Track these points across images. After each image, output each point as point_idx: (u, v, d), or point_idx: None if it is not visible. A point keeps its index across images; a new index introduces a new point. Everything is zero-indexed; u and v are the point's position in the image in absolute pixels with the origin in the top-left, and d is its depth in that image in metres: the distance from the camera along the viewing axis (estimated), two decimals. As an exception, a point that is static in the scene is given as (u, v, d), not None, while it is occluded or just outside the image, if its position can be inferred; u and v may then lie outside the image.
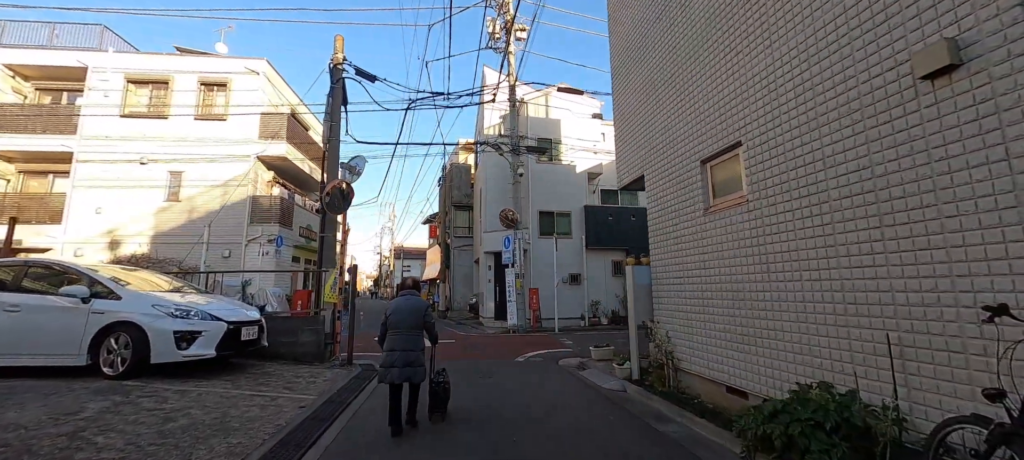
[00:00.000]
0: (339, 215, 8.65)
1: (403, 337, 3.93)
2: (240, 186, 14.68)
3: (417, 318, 4.02)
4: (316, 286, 8.45)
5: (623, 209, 16.69)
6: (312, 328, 7.77)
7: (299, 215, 16.49)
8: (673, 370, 5.62)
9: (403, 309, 4.02)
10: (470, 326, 15.54)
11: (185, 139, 14.60)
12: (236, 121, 14.78)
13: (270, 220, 14.57)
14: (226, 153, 14.52)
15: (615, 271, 16.02)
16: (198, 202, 14.53)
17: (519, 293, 13.64)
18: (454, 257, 21.84)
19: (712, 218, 5.05)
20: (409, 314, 4.00)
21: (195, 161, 14.51)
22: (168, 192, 14.52)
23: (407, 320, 3.98)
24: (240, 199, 14.59)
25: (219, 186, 14.64)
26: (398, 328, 3.94)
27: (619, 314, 15.48)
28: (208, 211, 14.50)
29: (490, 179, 16.17)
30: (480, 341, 11.51)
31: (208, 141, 14.56)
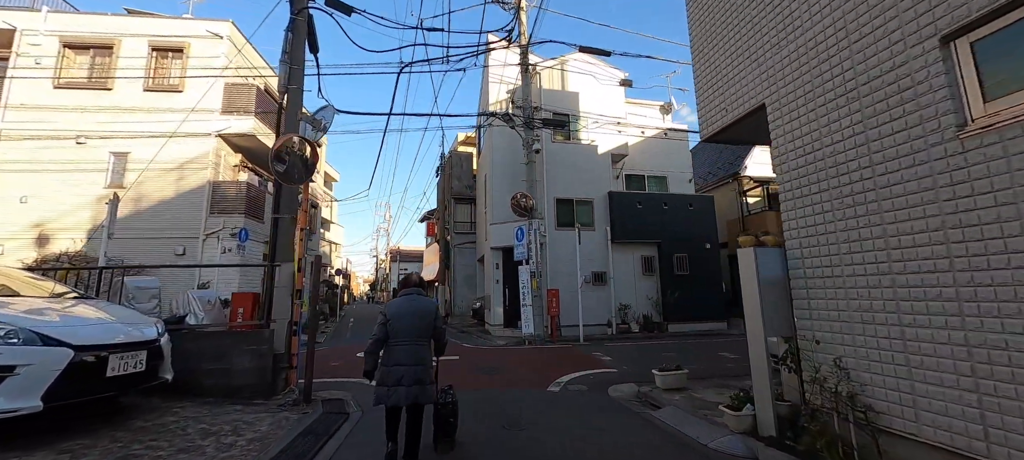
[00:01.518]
0: (299, 186, 6.24)
1: (410, 349, 3.11)
2: (200, 170, 12.24)
3: (426, 324, 3.23)
4: (267, 288, 6.01)
5: (653, 196, 14.29)
6: (253, 349, 5.34)
7: (269, 204, 14.02)
8: (858, 427, 3.19)
9: (407, 313, 3.20)
10: (475, 335, 13.10)
11: (133, 113, 12.16)
12: (195, 92, 12.32)
13: (235, 211, 12.11)
14: (183, 130, 12.07)
15: (645, 269, 13.61)
16: (147, 189, 12.06)
17: (535, 295, 11.21)
18: (455, 256, 19.41)
19: (983, 142, 2.64)
20: (416, 319, 3.19)
21: (144, 140, 12.06)
22: (110, 177, 12.06)
23: (414, 326, 3.17)
24: (198, 185, 12.15)
25: (173, 170, 12.19)
26: (402, 337, 3.12)
27: (652, 319, 13.08)
28: (159, 200, 12.05)
29: (497, 162, 13.77)
30: (492, 357, 9.06)
31: (161, 116, 12.11)
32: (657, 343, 10.94)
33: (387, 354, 3.11)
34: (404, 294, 3.35)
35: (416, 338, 3.14)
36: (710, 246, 13.99)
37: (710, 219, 14.23)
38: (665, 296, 13.23)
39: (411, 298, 3.29)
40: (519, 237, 11.85)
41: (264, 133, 13.43)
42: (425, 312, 3.23)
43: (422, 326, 3.18)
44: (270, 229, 6.27)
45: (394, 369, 3.04)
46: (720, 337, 12.06)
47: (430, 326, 3.23)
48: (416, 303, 3.25)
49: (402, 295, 3.35)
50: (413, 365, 3.04)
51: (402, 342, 3.10)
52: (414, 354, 3.08)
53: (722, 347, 9.97)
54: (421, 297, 3.35)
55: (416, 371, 3.04)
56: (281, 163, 5.91)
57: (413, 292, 3.35)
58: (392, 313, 3.17)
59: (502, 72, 13.77)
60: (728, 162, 17.57)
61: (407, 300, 3.27)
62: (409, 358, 3.06)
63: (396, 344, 3.10)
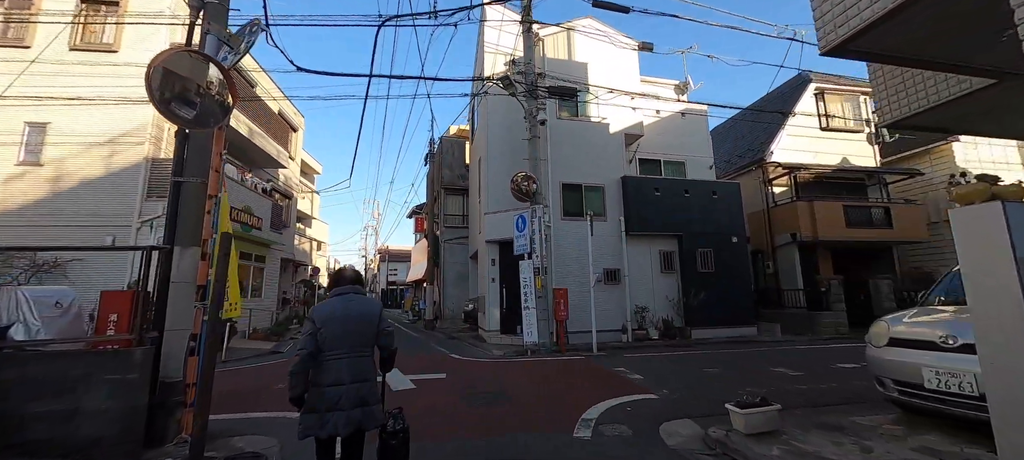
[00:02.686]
0: (212, 130, 4.30)
1: (349, 362, 2.41)
2: (135, 145, 10.18)
3: (368, 330, 2.51)
4: (159, 284, 4.05)
5: (673, 182, 12.50)
6: (118, 379, 3.39)
7: (232, 192, 11.97)
8: None
9: (343, 317, 2.45)
10: (468, 343, 11.19)
11: (55, 76, 10.06)
12: (132, 52, 10.28)
13: (177, 193, 10.05)
14: (116, 95, 10.00)
15: (665, 265, 11.81)
16: (71, 166, 9.99)
17: (539, 296, 9.34)
18: (445, 252, 17.47)
19: None
20: (354, 324, 2.47)
21: (68, 107, 9.97)
22: (25, 151, 9.95)
23: (352, 334, 2.46)
24: (133, 163, 10.10)
25: (103, 145, 10.13)
26: (339, 349, 2.40)
27: (672, 324, 11.28)
28: (84, 179, 9.96)
29: (494, 141, 11.88)
30: (490, 376, 7.15)
31: (89, 81, 10.03)
32: (685, 353, 9.13)
33: (318, 372, 2.42)
34: (337, 293, 2.58)
35: (356, 349, 2.48)
36: (737, 240, 12.24)
37: (736, 209, 12.50)
38: (688, 297, 11.44)
39: (347, 298, 2.55)
40: (520, 227, 9.97)
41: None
42: (366, 315, 2.55)
43: (363, 333, 2.51)
44: (169, 198, 4.30)
45: (328, 390, 2.38)
46: (756, 346, 10.29)
47: (373, 332, 2.55)
48: (354, 304, 2.54)
49: (335, 295, 2.58)
50: (353, 382, 2.42)
51: (338, 354, 2.43)
52: (354, 369, 2.44)
53: (768, 359, 8.18)
54: (360, 297, 2.61)
55: (358, 390, 2.42)
56: (173, 94, 3.96)
57: (349, 291, 2.59)
58: (322, 318, 2.46)
59: (498, 36, 11.89)
60: (750, 147, 15.88)
61: (342, 301, 2.54)
62: (348, 374, 2.41)
63: (329, 358, 2.43)
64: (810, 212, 13.13)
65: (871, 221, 13.77)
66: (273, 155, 14.55)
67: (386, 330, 2.59)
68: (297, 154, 18.96)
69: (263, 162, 14.90)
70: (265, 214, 13.71)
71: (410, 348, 10.70)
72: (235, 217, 11.95)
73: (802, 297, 12.84)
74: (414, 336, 13.77)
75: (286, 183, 17.81)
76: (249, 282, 13.07)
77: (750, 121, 16.60)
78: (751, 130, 16.64)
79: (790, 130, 14.88)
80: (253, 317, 12.41)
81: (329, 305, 2.50)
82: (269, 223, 13.98)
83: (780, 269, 13.96)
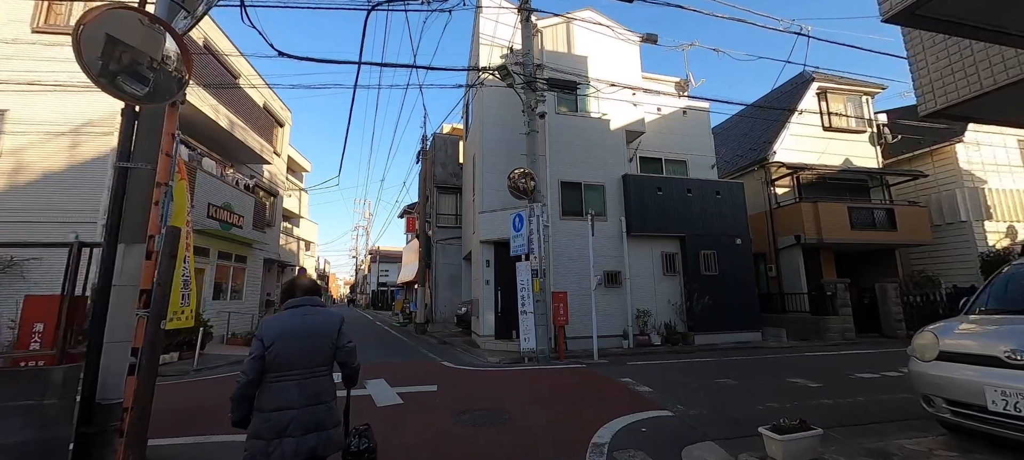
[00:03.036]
0: (164, 107, 3.70)
1: (301, 383, 2.12)
2: (102, 135, 9.45)
3: (325, 346, 2.22)
4: (98, 288, 3.42)
5: (675, 181, 12.03)
6: (29, 404, 2.76)
7: (210, 188, 11.28)
8: None
9: (296, 333, 2.16)
10: (461, 349, 10.59)
11: (13, 60, 9.30)
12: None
13: (148, 187, 9.34)
14: (82, 80, 9.26)
15: (667, 268, 11.32)
16: (30, 157, 9.23)
17: (538, 300, 8.79)
18: (437, 253, 16.86)
19: None
20: (310, 340, 2.18)
21: (29, 93, 9.22)
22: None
23: (307, 352, 2.15)
24: (99, 154, 9.36)
25: (66, 134, 9.38)
26: (292, 369, 2.11)
27: (675, 329, 10.80)
28: (46, 171, 9.21)
29: (490, 137, 11.32)
30: (485, 388, 6.58)
31: (54, 66, 9.28)
32: (691, 361, 8.64)
33: (265, 395, 2.07)
34: (290, 306, 2.26)
35: (311, 368, 2.14)
36: (741, 241, 11.81)
37: (740, 210, 12.07)
38: (691, 301, 10.96)
39: (301, 312, 2.22)
40: (517, 226, 9.42)
41: (205, 102, 10.71)
42: (323, 330, 2.22)
43: (321, 350, 2.19)
44: (112, 187, 3.67)
45: (272, 416, 2.03)
46: (762, 352, 9.83)
47: (331, 348, 2.22)
48: (310, 318, 2.21)
49: (288, 308, 2.25)
50: (307, 406, 2.08)
51: (290, 375, 2.09)
52: (308, 391, 2.10)
53: (781, 368, 7.70)
54: (317, 309, 2.28)
55: (312, 414, 2.09)
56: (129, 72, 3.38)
57: (305, 303, 2.27)
58: (272, 335, 2.10)
59: (495, 28, 11.34)
60: (752, 147, 15.51)
61: (295, 316, 2.20)
62: (300, 397, 2.07)
63: (279, 380, 2.08)
64: (815, 213, 12.75)
65: (875, 223, 13.44)
66: (256, 150, 13.83)
67: (346, 346, 2.30)
68: (283, 150, 18.21)
69: (246, 157, 14.17)
70: (247, 212, 12.99)
71: (400, 355, 10.08)
72: (214, 215, 11.25)
73: (806, 301, 12.45)
74: (404, 341, 13.13)
75: (271, 180, 17.06)
76: (228, 283, 12.34)
77: (753, 117, 16.25)
78: (753, 130, 16.28)
79: (793, 130, 14.52)
80: (232, 321, 11.69)
81: (281, 320, 2.20)
82: (251, 221, 13.27)
83: (782, 272, 13.57)
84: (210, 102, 11.29)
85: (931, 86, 4.06)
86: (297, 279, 2.46)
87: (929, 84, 4.07)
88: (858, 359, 8.52)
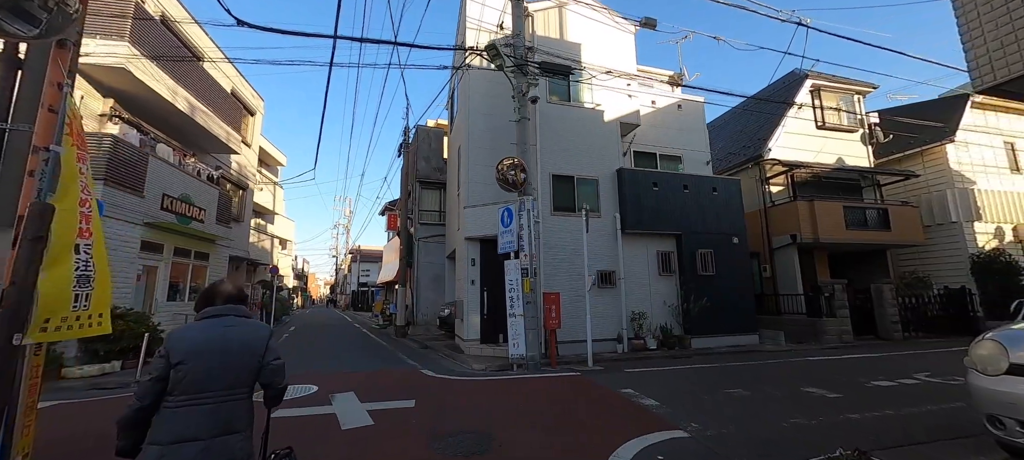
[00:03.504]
0: (49, 48, 2.83)
1: (214, 409, 1.75)
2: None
3: (248, 363, 1.87)
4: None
5: (672, 176, 11.48)
6: None
7: (165, 177, 10.18)
8: None
9: (211, 348, 1.80)
10: (443, 355, 9.79)
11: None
12: (34, 2, 8.41)
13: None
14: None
15: (663, 267, 10.75)
16: (-53, 138, 8.02)
17: (528, 301, 8.06)
18: (420, 252, 15.98)
19: None
20: (227, 357, 1.81)
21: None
22: None
23: (226, 371, 1.80)
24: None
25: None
26: (204, 391, 1.75)
27: (671, 332, 10.22)
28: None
29: (476, 126, 10.54)
30: (470, 402, 5.81)
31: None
32: (692, 367, 8.04)
33: (166, 423, 1.70)
34: (210, 315, 1.91)
35: (228, 389, 1.79)
36: (738, 240, 11.33)
37: (737, 207, 11.60)
38: (688, 302, 10.41)
39: (224, 323, 1.88)
40: (505, 222, 8.67)
41: (159, 82, 9.62)
42: (248, 345, 1.88)
43: (242, 368, 1.84)
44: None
45: (174, 450, 1.67)
46: (763, 356, 9.33)
47: (255, 367, 1.88)
48: (233, 331, 1.87)
49: (206, 317, 1.91)
50: (218, 436, 1.74)
51: (200, 399, 1.73)
52: (221, 417, 1.75)
53: (790, 374, 7.16)
54: (240, 320, 1.94)
55: (223, 446, 1.74)
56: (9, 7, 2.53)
57: (227, 313, 1.93)
58: (183, 350, 1.75)
59: (481, 12, 10.57)
60: (745, 145, 15.14)
61: (214, 327, 1.86)
62: (210, 425, 1.72)
63: (186, 404, 1.72)
64: (811, 212, 12.40)
65: (869, 223, 13.19)
66: (222, 138, 12.72)
67: (274, 364, 1.94)
68: (254, 140, 17.05)
69: (210, 146, 13.04)
70: (210, 205, 11.90)
71: (376, 361, 9.21)
72: (170, 207, 10.18)
73: (802, 303, 12.07)
74: (383, 345, 12.24)
75: (240, 172, 15.91)
76: (187, 283, 11.24)
77: (749, 111, 15.93)
78: (746, 128, 15.94)
79: (787, 127, 14.21)
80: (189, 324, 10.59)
81: (197, 332, 1.85)
82: (215, 215, 12.17)
83: (777, 273, 13.19)
84: (167, 83, 10.20)
85: (988, 58, 3.56)
86: (218, 284, 2.07)
87: (987, 56, 3.58)
88: (865, 364, 8.07)
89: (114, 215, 8.39)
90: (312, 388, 6.13)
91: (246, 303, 2.14)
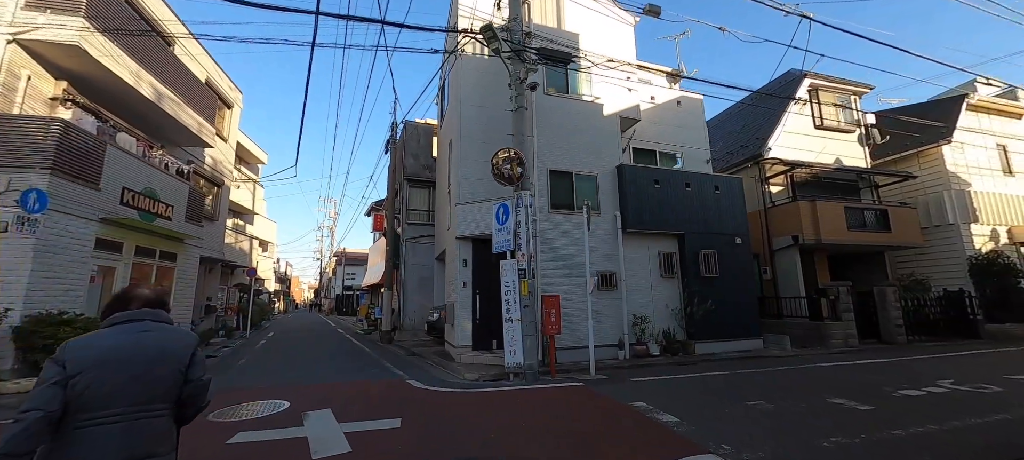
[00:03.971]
0: None
1: (127, 428, 1.46)
2: (-29, 94, 7.38)
3: (168, 376, 1.57)
4: None
5: (673, 173, 10.99)
6: None
7: (126, 169, 9.26)
8: None
9: (129, 355, 1.51)
10: (432, 363, 9.07)
11: None
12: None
13: (29, 162, 7.33)
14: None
15: (665, 269, 10.23)
16: None
17: (526, 305, 7.41)
18: (407, 253, 15.21)
19: None
20: (147, 367, 1.53)
21: None
22: None
23: (138, 384, 1.50)
24: (-36, 117, 7.29)
25: (-79, 91, 7.26)
26: (108, 407, 1.44)
27: (675, 337, 9.69)
28: None
29: (468, 120, 9.89)
30: (468, 425, 5.14)
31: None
32: (701, 375, 7.50)
33: (67, 445, 1.42)
34: (121, 321, 1.59)
35: (143, 405, 1.50)
36: (741, 241, 10.89)
37: (739, 207, 11.17)
38: (691, 305, 9.90)
39: (137, 328, 1.58)
40: (501, 219, 8.03)
41: (107, 53, 8.70)
42: (168, 354, 1.59)
43: (159, 381, 1.55)
44: None
45: None
46: (771, 363, 8.85)
47: (177, 380, 1.58)
48: (146, 338, 1.57)
49: (115, 323, 1.59)
50: None
51: (105, 417, 1.44)
52: (134, 437, 1.47)
53: (809, 383, 6.66)
54: (157, 327, 1.63)
55: None
56: None
57: (143, 317, 1.61)
58: (84, 361, 1.46)
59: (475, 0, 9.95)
60: (743, 144, 14.80)
61: (126, 333, 1.56)
62: (120, 448, 1.44)
63: (89, 424, 1.43)
64: (813, 212, 12.06)
65: (870, 224, 12.93)
66: (194, 129, 11.80)
67: (200, 380, 1.62)
68: (231, 134, 16.07)
69: (181, 138, 12.10)
70: (179, 201, 10.97)
71: (358, 371, 8.44)
72: (132, 202, 9.27)
73: (804, 306, 11.69)
74: (366, 352, 11.44)
75: (215, 168, 14.93)
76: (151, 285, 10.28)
77: (747, 111, 15.63)
78: (744, 127, 15.64)
79: (786, 127, 13.91)
80: (153, 331, 9.65)
81: (103, 339, 1.53)
82: (185, 213, 11.24)
83: (778, 275, 12.82)
84: (129, 65, 9.30)
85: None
86: (133, 287, 1.76)
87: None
88: (881, 371, 7.63)
89: (62, 208, 7.48)
90: (283, 404, 5.37)
91: (166, 307, 1.77)
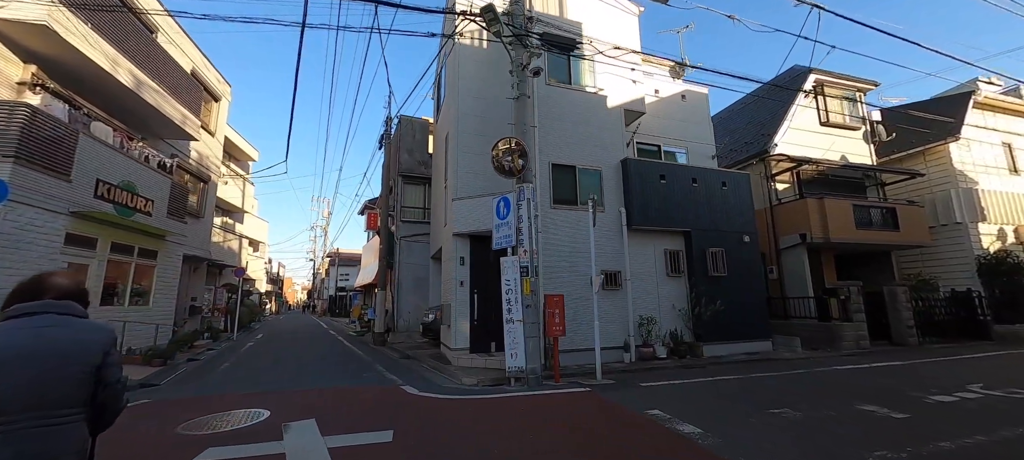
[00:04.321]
0: None
1: (23, 437, 1.27)
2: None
3: (74, 376, 1.37)
4: None
5: (680, 168, 10.59)
6: None
7: (97, 158, 8.68)
8: None
9: (26, 351, 1.32)
10: (428, 366, 8.58)
11: None
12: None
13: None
14: None
15: (671, 267, 9.81)
16: None
17: (528, 305, 6.94)
18: (401, 252, 14.70)
19: None
20: (48, 365, 1.33)
21: None
22: None
23: (36, 385, 1.31)
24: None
25: None
26: (5, 412, 1.27)
27: (682, 339, 9.27)
28: None
29: (466, 111, 9.42)
30: (466, 438, 4.66)
31: None
32: (713, 380, 7.07)
33: None
34: (18, 314, 1.39)
35: (42, 411, 1.32)
36: (749, 239, 10.51)
37: (746, 204, 10.80)
38: (699, 305, 9.49)
39: (38, 322, 1.38)
40: (502, 213, 7.56)
41: (78, 34, 8.12)
42: (74, 352, 1.38)
43: (63, 382, 1.35)
44: None
45: None
46: (784, 366, 8.44)
47: (87, 381, 1.40)
48: (47, 333, 1.37)
49: (12, 316, 1.39)
50: None
51: (5, 425, 1.29)
52: (30, 448, 1.28)
53: (830, 388, 6.24)
54: (64, 321, 1.42)
55: None
56: None
57: (48, 310, 1.41)
58: None
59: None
60: (748, 141, 14.45)
61: (23, 328, 1.36)
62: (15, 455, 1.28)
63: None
64: (821, 210, 11.70)
65: (878, 222, 12.60)
66: (177, 121, 11.23)
67: (115, 382, 1.46)
68: (218, 128, 15.49)
69: (163, 130, 11.52)
70: (160, 196, 10.40)
71: (349, 376, 7.92)
72: (107, 195, 8.70)
73: (813, 306, 11.32)
74: (358, 355, 10.91)
75: (201, 163, 14.34)
76: (128, 285, 9.70)
77: (753, 102, 15.29)
78: (749, 124, 15.29)
79: (791, 123, 13.57)
80: (130, 333, 9.09)
81: (3, 332, 1.35)
82: (167, 208, 10.67)
83: (785, 274, 12.44)
84: (106, 49, 8.75)
85: None
86: (46, 275, 1.48)
87: None
88: (904, 375, 7.25)
89: (26, 200, 6.92)
90: (262, 413, 4.86)
91: (84, 301, 1.54)
